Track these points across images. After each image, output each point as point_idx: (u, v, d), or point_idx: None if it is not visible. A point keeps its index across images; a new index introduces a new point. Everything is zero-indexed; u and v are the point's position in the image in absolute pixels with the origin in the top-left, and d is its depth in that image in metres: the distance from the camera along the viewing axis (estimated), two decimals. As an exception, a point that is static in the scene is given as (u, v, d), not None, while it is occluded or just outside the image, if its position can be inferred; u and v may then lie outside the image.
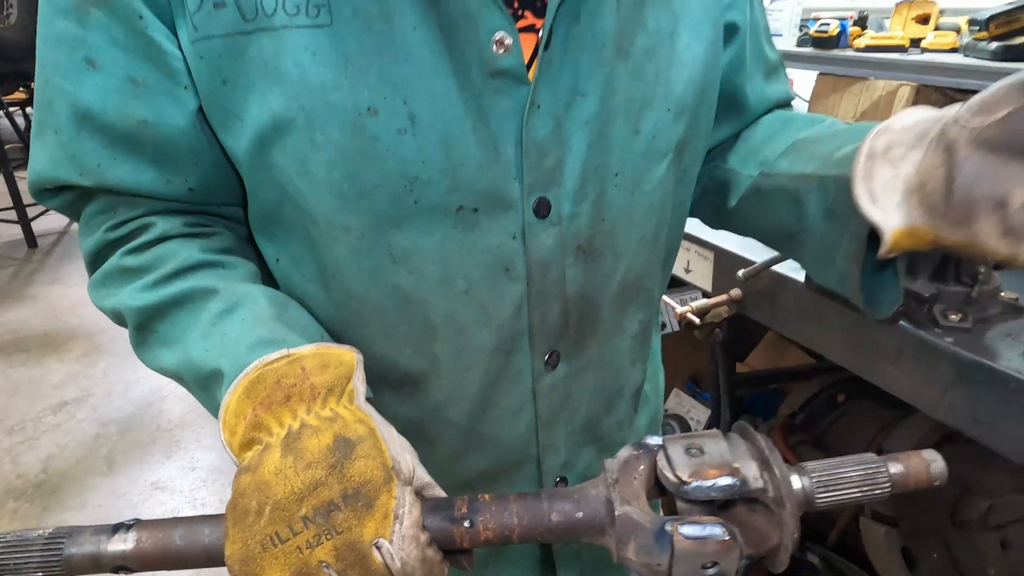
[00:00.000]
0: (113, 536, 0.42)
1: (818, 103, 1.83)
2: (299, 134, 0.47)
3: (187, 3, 0.46)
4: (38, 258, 4.35)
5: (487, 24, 0.47)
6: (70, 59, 0.49)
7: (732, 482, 0.41)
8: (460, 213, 0.51)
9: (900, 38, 1.66)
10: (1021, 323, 0.93)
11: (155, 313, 0.53)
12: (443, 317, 0.55)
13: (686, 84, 0.56)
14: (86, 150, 0.51)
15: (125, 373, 3.02)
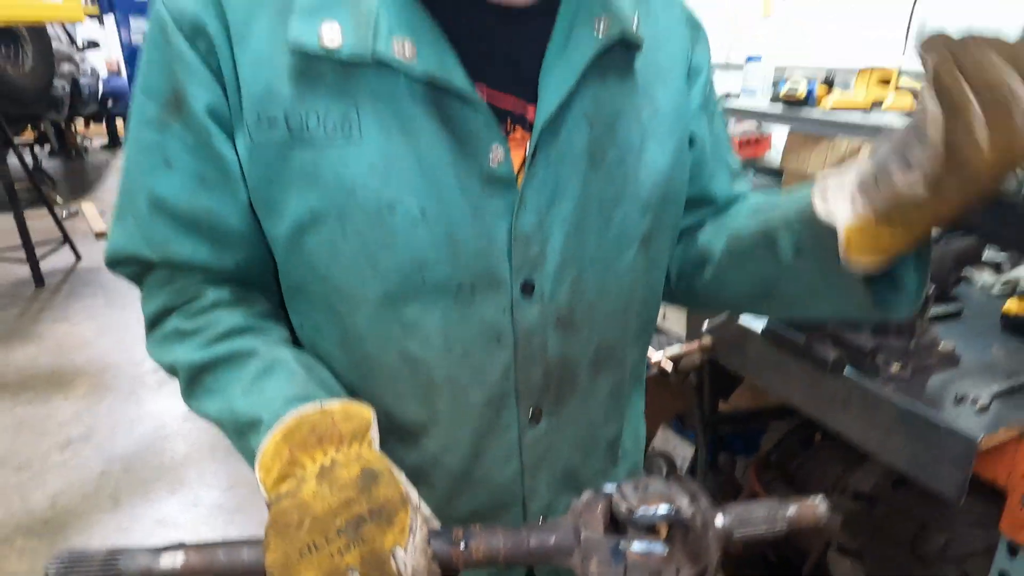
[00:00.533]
0: (163, 554, 0.51)
1: (790, 157, 1.96)
2: (331, 225, 0.59)
3: (246, 118, 0.58)
4: (45, 296, 4.44)
5: (485, 140, 0.59)
6: (151, 160, 0.62)
7: (669, 509, 0.52)
8: (460, 291, 0.62)
9: (862, 100, 1.79)
10: (956, 372, 1.03)
11: (204, 369, 0.63)
12: (443, 378, 0.65)
13: (651, 187, 0.68)
14: (157, 231, 0.63)
15: (129, 411, 3.10)
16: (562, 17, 0.62)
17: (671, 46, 0.71)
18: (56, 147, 8.99)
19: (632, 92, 0.66)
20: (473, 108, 0.58)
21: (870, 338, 1.00)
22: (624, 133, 0.65)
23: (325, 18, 0.55)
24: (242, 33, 0.58)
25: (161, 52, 0.60)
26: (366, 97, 0.57)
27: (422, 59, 0.56)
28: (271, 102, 0.57)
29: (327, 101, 0.57)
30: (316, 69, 0.57)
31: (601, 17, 0.61)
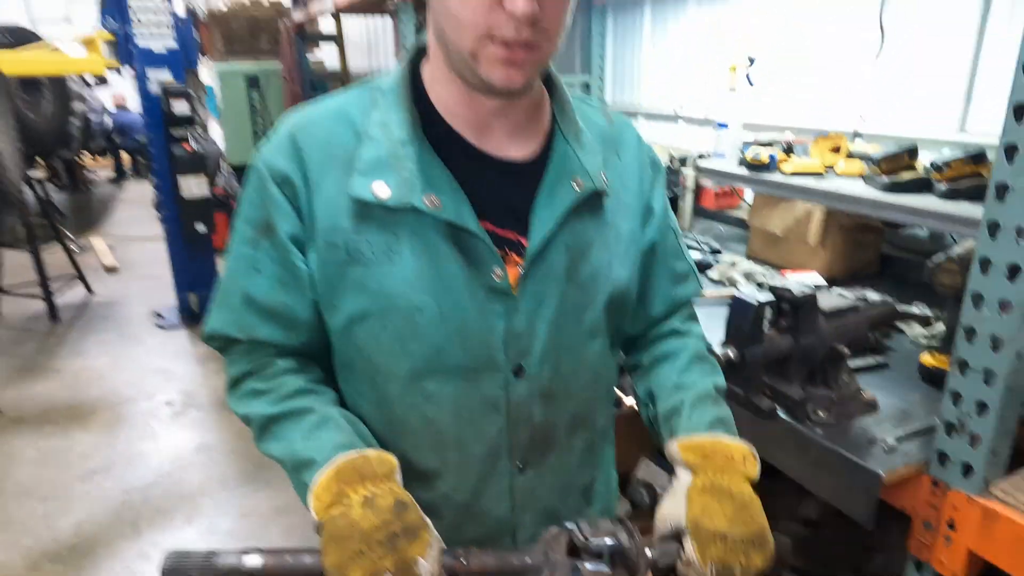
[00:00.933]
0: (246, 556, 0.69)
1: (756, 215, 2.18)
2: (374, 320, 0.81)
3: (317, 243, 0.80)
4: (60, 331, 4.63)
5: (489, 263, 0.81)
6: (246, 267, 0.84)
7: (614, 542, 0.72)
8: (467, 372, 0.83)
9: (818, 165, 2.01)
10: (875, 418, 1.24)
11: (273, 420, 0.84)
12: (453, 435, 0.86)
13: (613, 293, 0.90)
14: (245, 318, 0.85)
15: (145, 444, 3.27)
16: (549, 174, 0.84)
17: (634, 186, 0.93)
18: (66, 182, 9.22)
19: (602, 224, 0.88)
20: (480, 240, 0.80)
21: (800, 390, 1.20)
22: (595, 256, 0.87)
23: (377, 179, 0.77)
24: (317, 184, 0.80)
25: (258, 193, 0.83)
26: (404, 231, 0.79)
27: (445, 209, 0.78)
28: (335, 233, 0.80)
29: (375, 234, 0.79)
30: (368, 211, 0.79)
31: (577, 177, 0.84)
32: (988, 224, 0.95)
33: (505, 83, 0.74)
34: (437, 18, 0.77)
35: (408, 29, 3.10)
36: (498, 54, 0.72)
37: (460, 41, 0.73)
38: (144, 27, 4.06)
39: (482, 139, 0.84)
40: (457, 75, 0.79)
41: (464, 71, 0.77)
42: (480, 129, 0.84)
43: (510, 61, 0.73)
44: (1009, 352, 0.96)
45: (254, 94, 6.21)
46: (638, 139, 0.97)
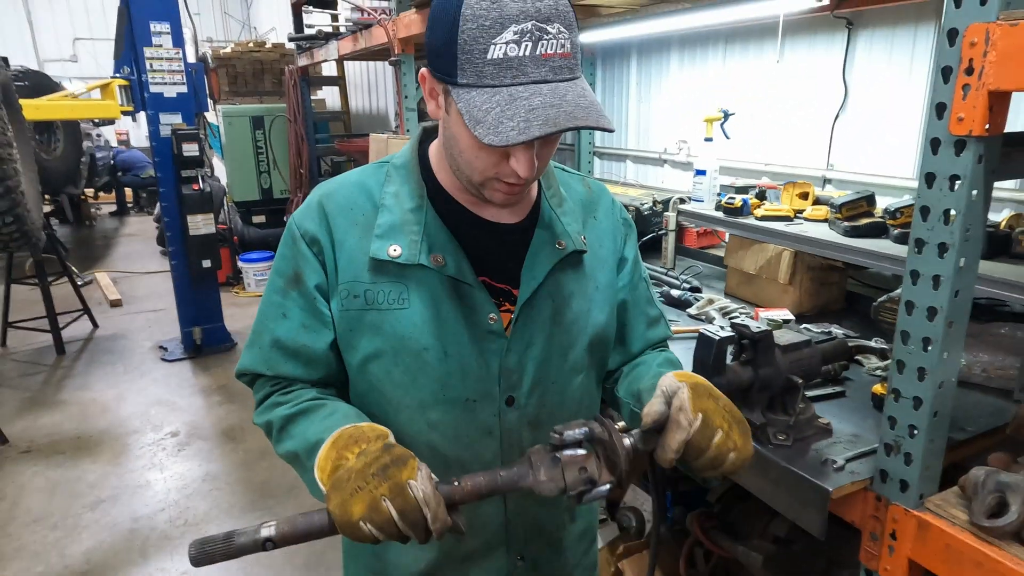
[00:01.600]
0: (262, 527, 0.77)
1: (732, 255, 2.35)
2: (387, 358, 0.96)
3: (339, 292, 0.96)
4: (67, 364, 4.74)
5: (486, 310, 0.96)
6: (275, 313, 0.99)
7: (585, 430, 0.82)
8: (466, 402, 0.98)
9: (787, 210, 2.19)
10: (829, 441, 1.38)
11: (290, 420, 0.97)
12: (454, 459, 1.00)
13: (594, 335, 1.05)
14: (272, 357, 1.00)
15: (152, 473, 3.38)
16: (536, 236, 1.01)
17: (609, 243, 1.10)
18: (71, 218, 9.40)
19: (582, 277, 1.04)
20: (477, 291, 0.96)
21: (761, 416, 1.35)
22: (576, 304, 1.03)
23: (391, 242, 0.94)
24: (340, 243, 0.97)
25: (290, 250, 0.99)
26: (413, 283, 0.95)
27: (447, 266, 0.95)
28: (356, 285, 0.95)
29: (389, 285, 0.95)
30: (384, 267, 0.95)
31: (560, 240, 1.01)
32: (910, 272, 1.12)
33: (504, 202, 0.94)
34: (450, 149, 0.92)
35: (409, 79, 3.30)
36: (502, 189, 0.91)
37: (471, 176, 0.91)
38: (157, 74, 4.28)
39: (480, 208, 1.01)
40: (463, 183, 0.96)
41: (469, 187, 0.94)
42: (477, 201, 1.00)
43: (511, 192, 0.91)
44: (933, 382, 1.11)
45: (258, 134, 6.43)
46: (612, 202, 1.14)
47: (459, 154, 0.90)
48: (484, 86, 0.80)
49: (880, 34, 2.34)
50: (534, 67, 0.79)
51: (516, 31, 0.77)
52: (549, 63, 0.80)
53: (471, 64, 0.80)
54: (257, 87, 7.60)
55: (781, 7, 2.11)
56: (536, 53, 0.79)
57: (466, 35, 0.79)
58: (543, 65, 0.80)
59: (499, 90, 0.79)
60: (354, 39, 3.91)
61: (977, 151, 1.00)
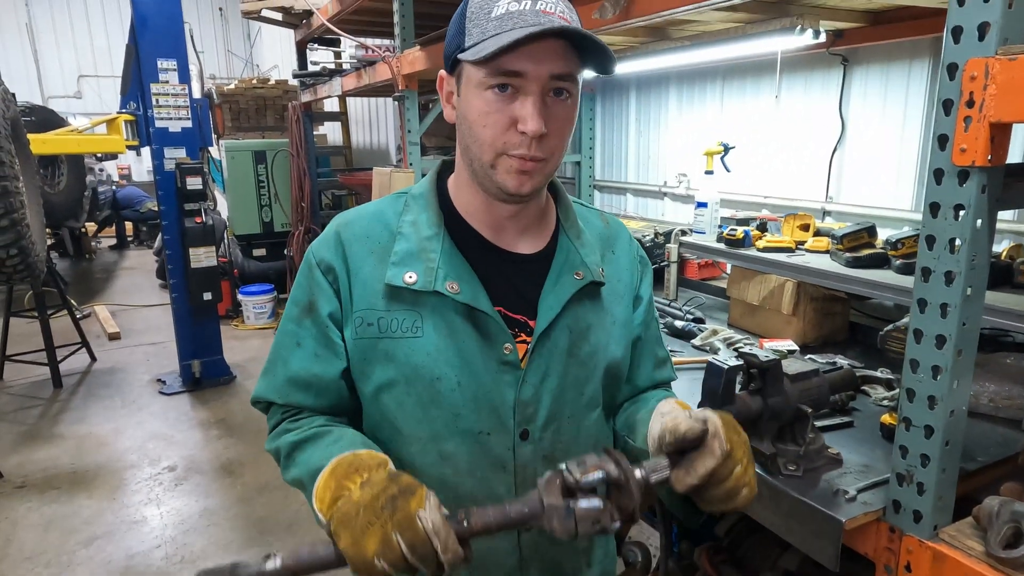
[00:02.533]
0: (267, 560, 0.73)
1: (734, 286, 2.36)
2: (400, 388, 0.95)
3: (353, 320, 0.96)
4: (64, 398, 4.70)
5: (501, 340, 0.96)
6: (289, 341, 1.00)
7: (602, 474, 0.78)
8: (480, 435, 0.96)
9: (788, 241, 2.21)
10: (839, 471, 1.37)
11: (297, 446, 0.96)
12: (466, 493, 0.97)
13: (609, 369, 1.05)
14: (284, 386, 1.00)
15: (148, 509, 3.32)
16: (554, 266, 1.01)
17: (626, 278, 1.10)
18: (71, 251, 9.42)
19: (599, 309, 1.04)
20: (493, 320, 0.95)
21: (770, 446, 1.34)
22: (594, 337, 1.03)
23: (407, 269, 0.94)
24: (356, 271, 0.97)
25: (306, 279, 1.00)
26: (427, 311, 0.95)
27: (463, 293, 0.94)
28: (370, 312, 0.95)
29: (403, 313, 0.95)
30: (399, 294, 0.95)
31: (578, 270, 1.01)
32: (918, 301, 1.13)
33: (516, 188, 0.92)
34: (463, 137, 0.95)
35: (412, 113, 3.36)
36: (513, 165, 0.90)
37: (482, 155, 0.91)
38: (163, 109, 4.34)
39: (497, 237, 1.01)
40: (478, 184, 0.97)
41: (483, 180, 0.94)
42: (496, 228, 1.01)
43: (522, 171, 0.91)
44: (944, 410, 1.11)
45: (260, 168, 6.50)
46: (630, 238, 1.15)
47: (470, 131, 0.91)
48: (488, 37, 0.85)
49: (875, 70, 2.40)
50: (533, 16, 0.84)
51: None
52: (550, 18, 0.85)
53: (476, 26, 0.87)
54: (259, 123, 7.70)
55: (779, 45, 2.16)
56: (536, 7, 0.85)
57: (473, 7, 0.89)
58: (540, 16, 0.85)
59: (501, 35, 0.84)
60: (358, 75, 3.98)
61: (980, 181, 1.02)
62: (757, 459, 1.36)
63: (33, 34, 13.00)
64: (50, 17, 13.14)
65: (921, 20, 2.12)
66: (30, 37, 12.98)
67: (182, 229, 4.42)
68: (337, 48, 5.25)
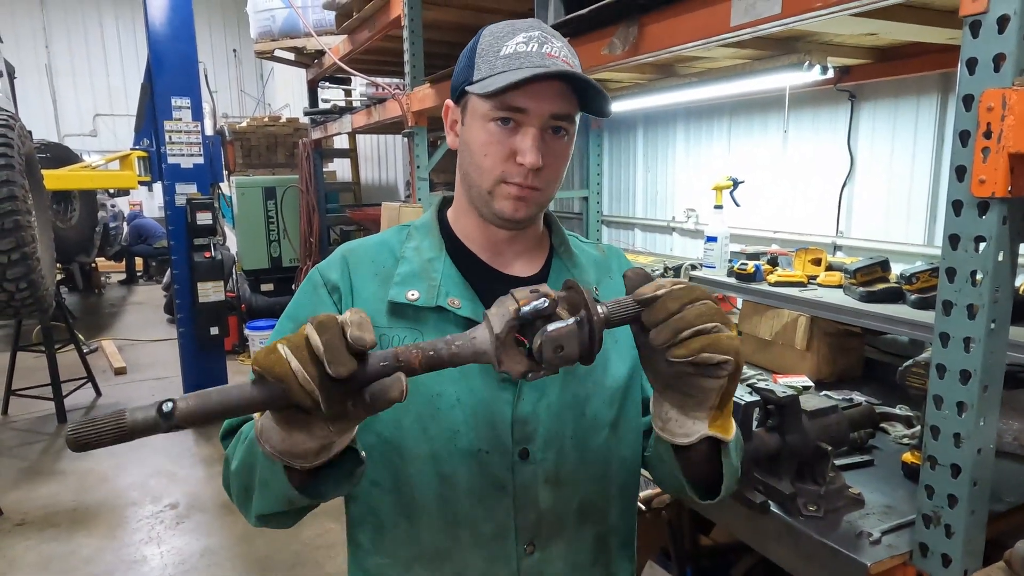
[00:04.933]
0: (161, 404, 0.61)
1: (746, 321, 2.33)
2: (399, 405, 0.90)
3: None
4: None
5: None
6: None
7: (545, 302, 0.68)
8: (479, 453, 0.94)
9: (800, 276, 2.18)
10: (861, 512, 1.33)
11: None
12: (465, 514, 0.95)
13: (614, 388, 1.01)
14: None
15: (149, 548, 3.25)
16: (550, 283, 1.00)
17: None
18: (80, 285, 9.49)
19: None
20: None
21: (790, 485, 1.30)
22: None
23: (410, 287, 0.95)
24: (359, 290, 0.97)
25: (308, 296, 0.99)
26: (428, 327, 0.94)
27: (463, 308, 0.94)
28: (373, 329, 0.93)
29: (405, 330, 0.94)
30: (401, 311, 0.95)
31: None
32: (940, 335, 1.10)
33: (512, 214, 0.94)
34: (464, 163, 0.98)
35: (421, 149, 3.39)
36: (510, 192, 0.93)
37: (481, 182, 0.94)
38: (175, 146, 4.40)
39: (495, 259, 1.02)
40: (475, 210, 0.99)
41: (481, 206, 0.97)
42: (493, 252, 1.02)
43: (518, 197, 0.94)
44: (970, 448, 1.08)
45: (270, 204, 6.56)
46: (627, 262, 1.14)
47: (471, 159, 0.94)
48: (495, 74, 0.90)
49: (883, 106, 2.41)
50: (539, 59, 0.90)
51: (525, 36, 0.92)
52: (554, 61, 0.90)
53: (486, 62, 0.92)
54: (270, 160, 7.81)
55: (786, 81, 2.18)
56: (542, 51, 0.90)
57: (483, 45, 0.94)
58: (545, 60, 0.90)
59: (509, 72, 0.89)
60: (368, 113, 4.04)
61: (1001, 212, 1.01)
62: (776, 499, 1.32)
63: (51, 74, 13.34)
64: (69, 58, 13.49)
65: (928, 56, 2.13)
66: (48, 77, 13.31)
67: (191, 263, 4.44)
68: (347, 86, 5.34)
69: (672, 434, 0.81)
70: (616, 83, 2.80)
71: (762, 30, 1.40)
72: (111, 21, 13.77)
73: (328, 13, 4.26)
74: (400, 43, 3.44)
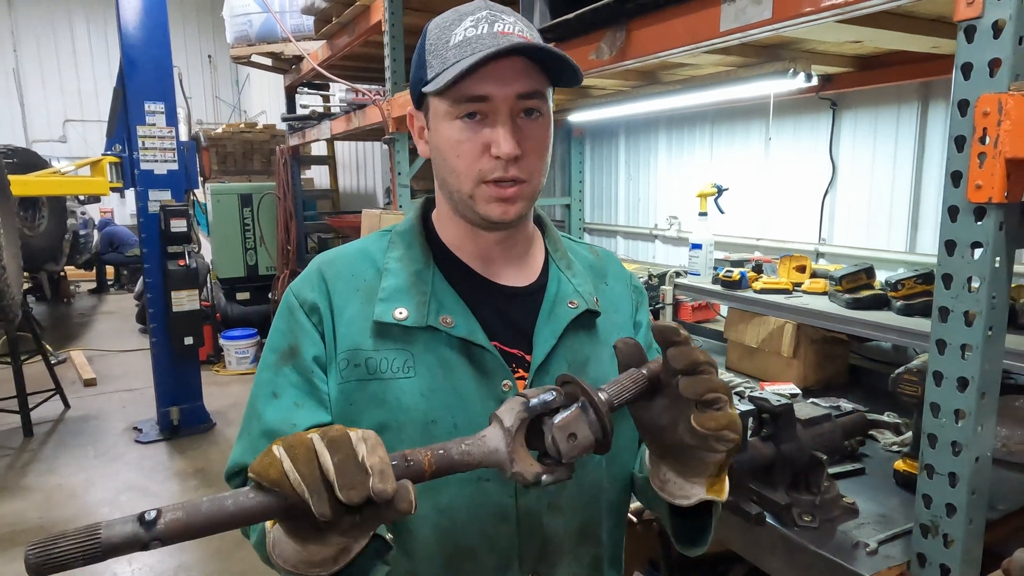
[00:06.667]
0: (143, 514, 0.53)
1: (731, 329, 2.32)
2: (392, 433, 0.87)
3: (339, 362, 0.88)
4: (34, 447, 4.51)
5: (499, 376, 0.89)
6: (265, 392, 0.91)
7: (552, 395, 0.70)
8: (479, 481, 0.89)
9: (785, 283, 2.18)
10: (856, 521, 1.31)
11: None
12: (466, 546, 0.90)
13: None
14: (260, 443, 0.89)
15: (120, 566, 3.14)
16: (547, 296, 0.96)
17: (622, 307, 1.05)
18: (49, 295, 9.24)
19: (596, 342, 0.99)
20: (490, 354, 0.90)
21: (784, 495, 1.28)
22: (592, 370, 0.97)
23: (397, 304, 0.89)
24: (340, 311, 0.91)
25: (286, 322, 0.92)
26: (419, 349, 0.89)
27: (458, 327, 0.89)
28: (357, 353, 0.88)
29: (393, 352, 0.88)
30: (388, 332, 0.89)
31: (572, 299, 0.96)
32: (936, 342, 1.09)
33: (501, 217, 0.88)
34: (439, 170, 0.91)
35: (402, 156, 3.34)
36: (491, 193, 0.87)
37: (460, 186, 0.88)
38: (149, 151, 4.30)
39: (487, 269, 0.97)
40: (460, 216, 0.93)
41: (465, 211, 0.91)
42: (484, 260, 0.96)
43: (502, 197, 0.87)
44: (968, 456, 1.06)
45: (246, 211, 6.45)
46: (621, 267, 1.11)
47: (445, 163, 0.88)
48: (448, 67, 0.83)
49: (864, 114, 2.43)
50: (490, 39, 0.82)
51: (473, 19, 0.85)
52: (508, 38, 0.83)
53: (436, 57, 0.85)
54: (246, 166, 7.69)
55: (769, 88, 2.18)
56: (493, 30, 0.83)
57: (431, 39, 0.87)
58: (502, 39, 0.82)
59: (461, 61, 0.82)
60: (347, 119, 3.99)
61: (998, 218, 1.00)
62: (771, 509, 1.29)
63: (20, 78, 13.02)
64: (38, 62, 13.18)
65: (909, 65, 2.15)
66: (16, 81, 12.99)
67: (165, 272, 4.33)
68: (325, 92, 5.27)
69: (671, 495, 0.82)
70: (600, 90, 2.79)
71: (752, 35, 1.39)
72: (82, 24, 13.49)
73: (306, 18, 4.21)
74: (379, 49, 3.40)
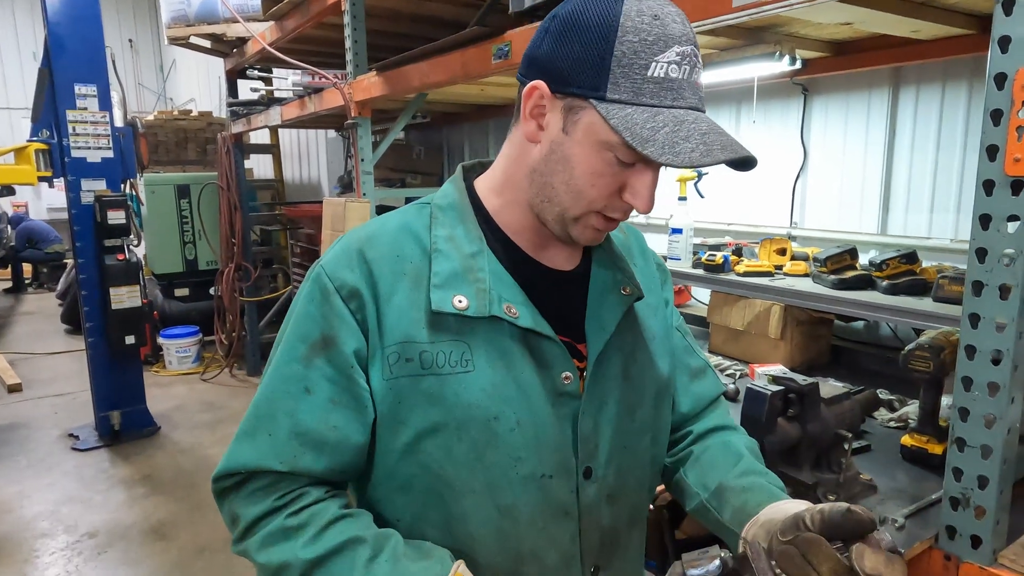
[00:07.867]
0: None
1: (715, 312, 2.33)
2: (449, 433, 0.80)
3: (387, 356, 0.80)
4: (-44, 460, 4.15)
5: (560, 368, 0.84)
6: (295, 388, 0.81)
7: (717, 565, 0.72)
8: (542, 479, 0.83)
9: (767, 266, 2.20)
10: (877, 498, 1.32)
11: (317, 565, 0.77)
12: (528, 547, 0.84)
13: (658, 388, 0.95)
14: (290, 446, 0.80)
15: (66, 583, 2.92)
16: (595, 282, 0.91)
17: (653, 287, 1.01)
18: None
19: (638, 325, 0.95)
20: (556, 345, 0.84)
21: (811, 475, 1.27)
22: (640, 356, 0.93)
23: (455, 291, 0.81)
24: (387, 298, 0.82)
25: (319, 307, 0.82)
26: (477, 340, 0.81)
27: (522, 317, 0.82)
28: (409, 346, 0.80)
29: (451, 345, 0.81)
30: (443, 322, 0.81)
31: (625, 286, 0.91)
32: (969, 316, 1.09)
33: (591, 241, 0.86)
34: (549, 175, 0.82)
35: (365, 142, 3.21)
36: (597, 224, 0.83)
37: (570, 206, 0.81)
38: (80, 138, 3.99)
39: (539, 253, 0.90)
40: (536, 215, 0.86)
41: (554, 224, 0.84)
42: (539, 246, 0.90)
43: (604, 230, 0.85)
44: (1001, 428, 1.08)
45: (183, 203, 6.12)
46: (646, 244, 1.08)
47: (569, 180, 0.80)
48: (642, 104, 0.74)
49: (835, 100, 2.47)
50: (690, 92, 0.77)
51: (679, 52, 0.75)
52: (698, 92, 0.78)
53: (628, 79, 0.74)
54: (180, 156, 7.29)
55: (749, 72, 2.19)
56: (691, 78, 0.77)
57: (625, 47, 0.74)
58: (695, 92, 0.78)
59: (660, 111, 0.74)
60: (301, 104, 3.81)
61: (1037, 191, 1.01)
62: (797, 490, 1.29)
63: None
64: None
65: (881, 51, 2.20)
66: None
67: (102, 267, 4.04)
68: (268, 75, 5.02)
69: None
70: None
71: (765, 11, 1.37)
72: (6, 5, 12.48)
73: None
74: (333, 31, 3.25)
